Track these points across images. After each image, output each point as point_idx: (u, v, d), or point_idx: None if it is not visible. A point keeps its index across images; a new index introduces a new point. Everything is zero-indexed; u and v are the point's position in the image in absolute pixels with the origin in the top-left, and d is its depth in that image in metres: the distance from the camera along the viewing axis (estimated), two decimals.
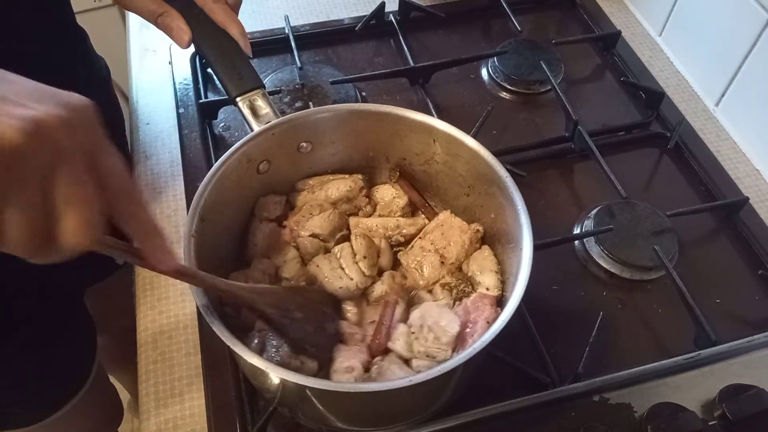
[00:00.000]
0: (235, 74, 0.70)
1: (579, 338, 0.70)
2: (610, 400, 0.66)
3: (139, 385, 0.71)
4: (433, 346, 0.61)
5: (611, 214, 0.83)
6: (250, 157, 0.67)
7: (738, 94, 0.94)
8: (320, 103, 0.94)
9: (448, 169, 0.71)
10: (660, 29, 1.08)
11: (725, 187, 0.88)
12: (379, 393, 0.51)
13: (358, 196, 0.74)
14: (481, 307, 0.62)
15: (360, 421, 0.64)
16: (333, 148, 0.73)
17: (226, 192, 0.65)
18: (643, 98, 0.99)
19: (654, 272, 0.79)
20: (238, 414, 0.67)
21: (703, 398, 0.66)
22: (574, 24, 1.12)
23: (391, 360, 0.61)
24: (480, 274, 0.66)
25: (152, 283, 0.78)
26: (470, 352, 0.51)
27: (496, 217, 0.67)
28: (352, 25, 1.07)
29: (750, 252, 0.82)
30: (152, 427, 0.68)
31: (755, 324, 0.75)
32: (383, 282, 0.67)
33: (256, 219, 0.72)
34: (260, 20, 1.10)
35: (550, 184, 0.89)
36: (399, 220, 0.73)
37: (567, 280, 0.79)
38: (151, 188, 0.87)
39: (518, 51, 1.03)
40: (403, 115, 0.69)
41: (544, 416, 0.66)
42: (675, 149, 0.93)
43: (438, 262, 0.68)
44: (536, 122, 0.97)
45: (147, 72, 1.02)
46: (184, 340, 0.74)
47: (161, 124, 0.95)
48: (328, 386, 0.51)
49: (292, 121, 0.69)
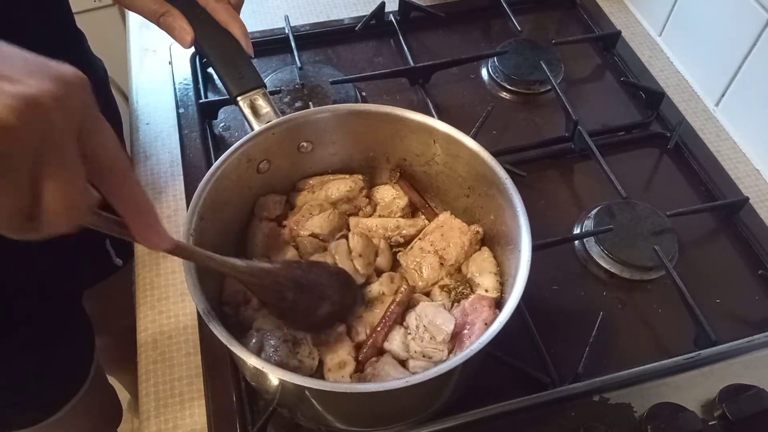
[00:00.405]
0: (236, 73, 0.70)
1: (579, 338, 0.70)
2: (610, 400, 0.66)
3: (139, 385, 0.71)
4: (429, 345, 0.61)
5: (611, 214, 0.83)
6: (250, 157, 0.67)
7: (738, 94, 0.94)
8: (320, 103, 0.94)
9: (448, 170, 0.71)
10: (660, 29, 1.08)
11: (725, 187, 0.88)
12: (376, 393, 0.51)
13: (358, 196, 0.74)
14: (479, 309, 0.62)
15: (359, 422, 0.64)
16: (333, 148, 0.73)
17: (226, 191, 0.65)
18: (643, 98, 0.99)
19: (654, 272, 0.79)
20: (238, 414, 0.67)
21: (703, 398, 0.66)
22: (574, 24, 1.12)
23: (385, 361, 0.61)
24: (479, 276, 0.66)
25: (152, 283, 0.78)
26: (467, 354, 0.51)
27: (495, 219, 0.67)
28: (352, 25, 1.07)
29: (750, 252, 0.82)
30: (152, 427, 0.68)
31: (755, 324, 0.75)
32: (381, 283, 0.67)
33: (256, 218, 0.72)
34: (260, 20, 1.10)
35: (550, 184, 0.89)
36: (399, 220, 0.73)
37: (567, 280, 0.79)
38: (151, 188, 0.87)
39: (518, 51, 1.03)
40: (402, 115, 0.69)
41: (544, 416, 0.66)
42: (675, 149, 0.93)
43: (437, 263, 0.68)
44: (536, 122, 0.97)
45: (147, 72, 1.02)
46: (184, 340, 0.74)
47: (161, 124, 0.95)
48: (325, 386, 0.51)
49: (293, 120, 0.69)
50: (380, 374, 0.60)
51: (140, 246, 0.81)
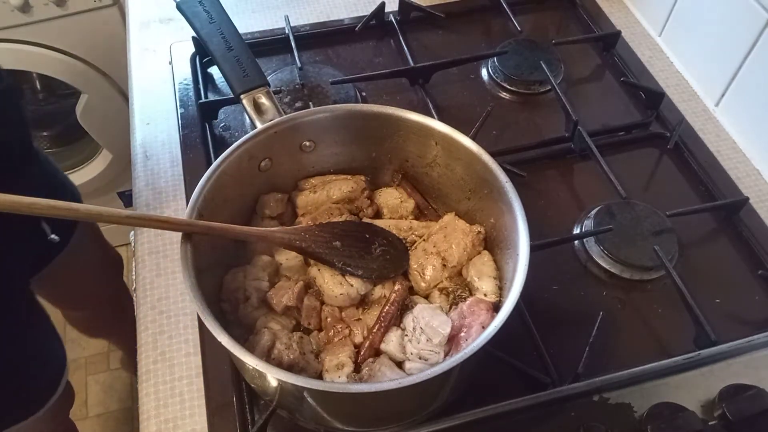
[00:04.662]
0: (240, 71, 0.71)
1: (579, 338, 0.70)
2: (610, 400, 0.66)
3: (139, 385, 0.71)
4: (426, 347, 0.61)
5: (611, 214, 0.83)
6: (252, 155, 0.67)
7: (738, 94, 0.94)
8: (320, 103, 0.94)
9: (449, 172, 0.71)
10: (660, 29, 1.08)
11: (725, 187, 0.88)
12: (371, 394, 0.51)
13: (360, 197, 0.74)
14: (476, 312, 0.62)
15: (357, 422, 0.64)
16: (335, 148, 0.73)
17: (227, 189, 0.65)
18: (643, 98, 0.99)
19: (654, 272, 0.79)
20: (238, 414, 0.67)
21: (703, 398, 0.66)
22: (574, 24, 1.12)
23: (382, 362, 0.61)
24: (478, 280, 0.66)
25: (152, 283, 0.78)
26: (461, 357, 0.51)
27: (495, 222, 0.67)
28: (352, 25, 1.07)
29: (750, 252, 0.82)
30: (152, 428, 0.68)
31: (755, 324, 0.75)
32: (383, 286, 0.67)
33: (258, 216, 0.72)
34: (260, 20, 1.10)
35: (550, 184, 0.89)
36: (412, 222, 0.73)
37: (567, 280, 0.79)
38: (151, 188, 0.87)
39: (518, 51, 1.03)
40: (402, 116, 0.69)
41: (544, 416, 0.66)
42: (675, 149, 0.93)
43: (440, 264, 0.68)
44: (536, 122, 0.97)
45: (147, 72, 1.02)
46: (184, 340, 0.74)
47: (161, 124, 0.95)
48: (321, 386, 0.51)
49: (295, 119, 0.69)
50: (377, 375, 0.60)
51: (140, 246, 0.81)
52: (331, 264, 0.66)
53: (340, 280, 0.66)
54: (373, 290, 0.67)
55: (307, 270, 0.68)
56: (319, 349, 0.63)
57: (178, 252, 0.58)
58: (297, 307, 0.65)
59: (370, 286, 0.67)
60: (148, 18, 1.09)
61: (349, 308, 0.66)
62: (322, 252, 0.65)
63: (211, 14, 0.74)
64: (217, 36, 0.72)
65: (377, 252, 0.67)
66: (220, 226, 0.60)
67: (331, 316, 0.65)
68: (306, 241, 0.65)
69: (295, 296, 0.64)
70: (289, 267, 0.68)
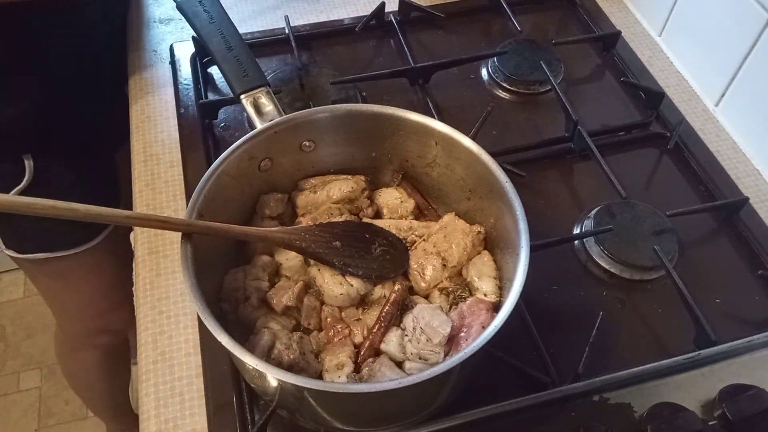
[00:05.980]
0: (240, 71, 0.71)
1: (579, 338, 0.70)
2: (610, 400, 0.66)
3: (139, 385, 0.71)
4: (426, 347, 0.61)
5: (611, 214, 0.83)
6: (252, 155, 0.67)
7: (738, 94, 0.94)
8: (320, 103, 0.94)
9: (449, 172, 0.71)
10: (660, 29, 1.08)
11: (725, 187, 0.88)
12: (370, 394, 0.51)
13: (359, 197, 0.74)
14: (476, 312, 0.62)
15: (357, 422, 0.64)
16: (335, 148, 0.73)
17: (227, 189, 0.65)
18: (643, 98, 0.99)
19: (654, 272, 0.79)
20: (238, 414, 0.67)
21: (703, 398, 0.66)
22: (574, 24, 1.12)
23: (382, 362, 0.61)
24: (478, 280, 0.66)
25: (152, 283, 0.78)
26: (461, 357, 0.51)
27: (496, 223, 0.67)
28: (352, 25, 1.07)
29: (750, 252, 0.82)
30: (152, 428, 0.68)
31: (755, 324, 0.75)
32: (383, 286, 0.67)
33: (258, 216, 0.72)
34: (260, 20, 1.10)
35: (550, 184, 0.89)
36: (412, 222, 0.73)
37: (567, 280, 0.79)
38: (151, 188, 0.87)
39: (518, 51, 1.03)
40: (402, 116, 0.69)
41: (544, 416, 0.66)
42: (675, 149, 0.93)
43: (440, 264, 0.68)
44: (536, 122, 0.97)
45: (147, 72, 1.02)
46: (184, 340, 0.74)
47: (161, 124, 0.95)
48: (320, 386, 0.51)
49: (295, 119, 0.69)
50: (376, 375, 0.60)
51: (140, 246, 0.81)
52: (331, 264, 0.66)
53: (340, 280, 0.66)
54: (373, 290, 0.67)
55: (307, 270, 0.68)
56: (319, 349, 0.63)
57: (178, 252, 0.58)
58: (297, 307, 0.65)
59: (370, 286, 0.67)
60: (148, 18, 1.09)
61: (349, 308, 0.66)
62: (322, 252, 0.65)
63: (211, 14, 0.74)
64: (217, 36, 0.72)
65: (377, 252, 0.67)
66: (220, 226, 0.61)
67: (331, 316, 0.65)
68: (306, 241, 0.65)
69: (295, 296, 0.64)
70: (289, 267, 0.68)
